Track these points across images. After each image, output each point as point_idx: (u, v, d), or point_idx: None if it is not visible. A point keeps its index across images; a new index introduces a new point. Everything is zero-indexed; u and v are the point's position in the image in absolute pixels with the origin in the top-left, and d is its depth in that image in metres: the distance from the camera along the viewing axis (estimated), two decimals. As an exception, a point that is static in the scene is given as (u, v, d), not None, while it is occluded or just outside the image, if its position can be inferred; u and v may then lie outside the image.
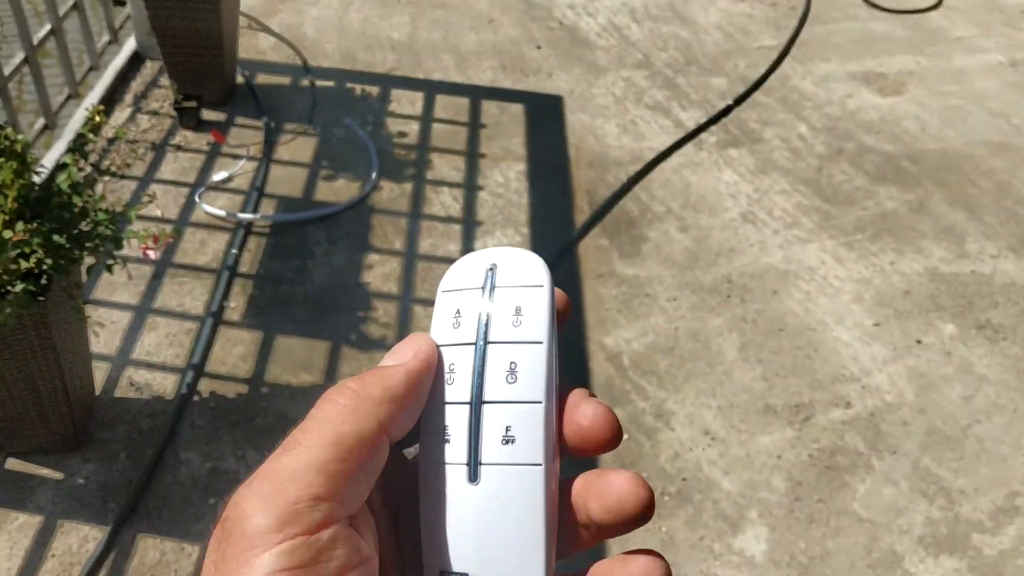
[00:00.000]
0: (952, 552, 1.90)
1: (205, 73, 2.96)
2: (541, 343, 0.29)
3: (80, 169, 1.65)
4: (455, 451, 0.28)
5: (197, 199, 2.65)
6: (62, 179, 1.64)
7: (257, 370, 2.16)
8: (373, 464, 0.27)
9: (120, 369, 2.12)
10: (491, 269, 0.30)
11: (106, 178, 2.70)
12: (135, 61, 3.22)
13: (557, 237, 2.64)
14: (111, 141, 2.86)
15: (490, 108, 3.20)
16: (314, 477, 0.25)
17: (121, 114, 3.00)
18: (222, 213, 2.60)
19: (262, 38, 3.41)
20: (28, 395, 1.78)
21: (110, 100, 3.05)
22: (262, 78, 3.24)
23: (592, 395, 0.31)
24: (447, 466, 0.29)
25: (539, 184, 2.85)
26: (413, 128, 3.06)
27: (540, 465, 0.27)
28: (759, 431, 2.13)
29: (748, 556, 1.87)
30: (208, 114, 3.02)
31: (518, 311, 0.29)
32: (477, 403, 0.28)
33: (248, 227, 2.58)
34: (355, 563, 0.26)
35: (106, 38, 3.14)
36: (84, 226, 1.60)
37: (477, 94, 3.26)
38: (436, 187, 2.80)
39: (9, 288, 1.57)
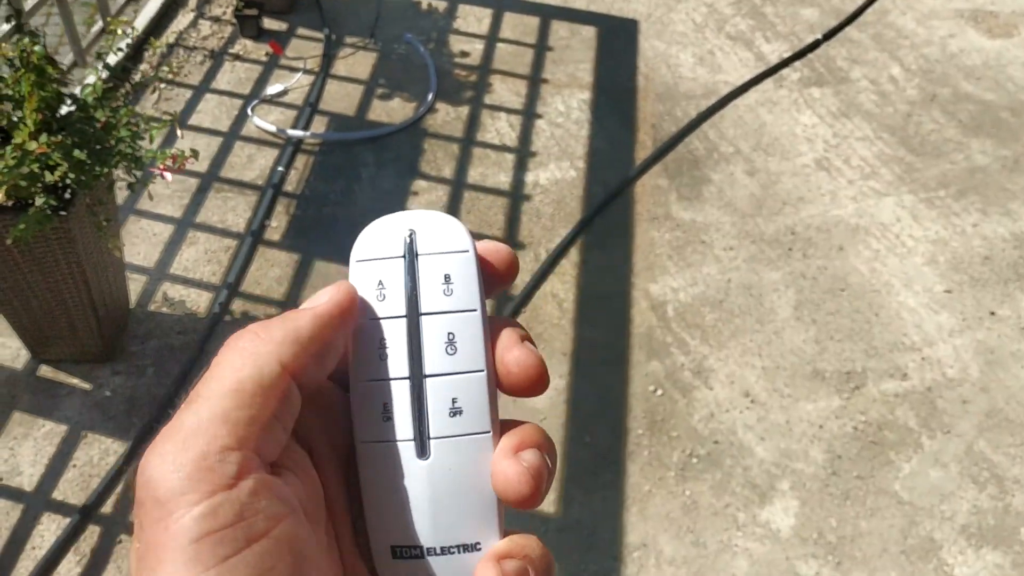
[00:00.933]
0: (996, 545, 1.77)
1: (267, -20, 2.88)
2: (475, 310, 0.28)
3: (106, 83, 1.61)
4: (399, 428, 0.27)
5: (249, 112, 2.60)
6: (86, 91, 1.60)
7: (292, 294, 2.14)
8: (284, 408, 0.26)
9: (156, 283, 2.12)
10: (410, 235, 0.29)
11: (162, 85, 2.67)
12: (202, -37, 3.16)
13: (614, 173, 2.51)
14: (170, 47, 2.82)
15: (560, 29, 3.04)
16: (218, 428, 0.24)
17: (183, 19, 2.96)
18: (273, 128, 2.55)
19: (331, -56, 3.29)
20: (57, 308, 1.79)
21: (173, 3, 3.01)
22: (327, -13, 3.14)
23: (525, 336, 0.29)
24: (391, 444, 0.28)
25: (602, 115, 2.71)
26: (477, 48, 2.93)
27: (488, 433, 0.27)
28: (803, 397, 2.01)
29: (773, 529, 1.78)
30: (269, 23, 2.95)
31: (447, 279, 0.28)
32: (418, 378, 0.27)
33: (297, 144, 2.53)
34: (284, 513, 0.25)
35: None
36: (108, 143, 1.57)
37: (548, 13, 3.10)
38: (493, 113, 2.69)
39: (30, 202, 1.55)
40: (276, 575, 0.24)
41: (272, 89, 2.68)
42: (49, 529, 1.69)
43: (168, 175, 1.52)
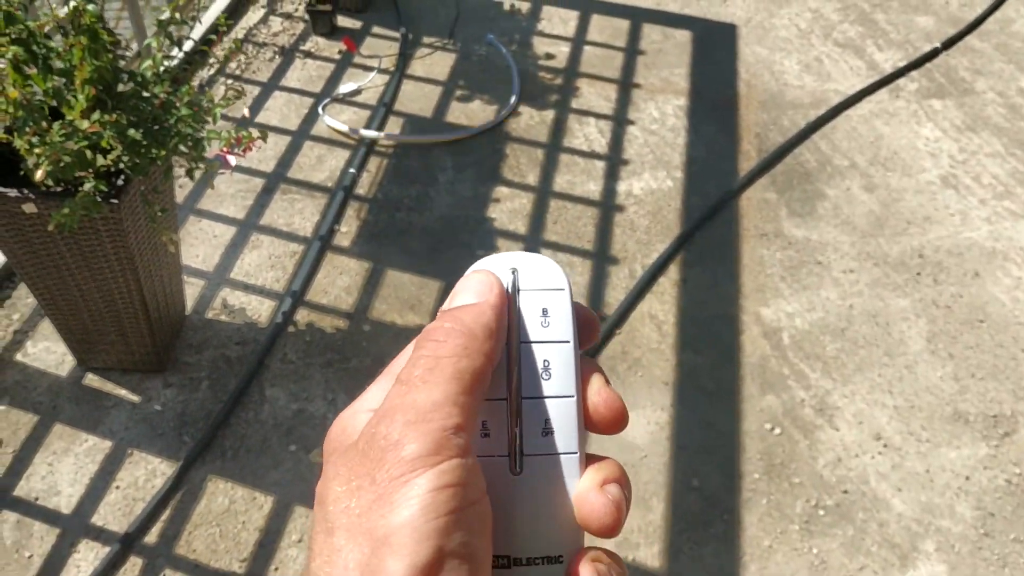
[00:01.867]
0: None
1: (343, -26, 2.71)
2: (569, 342, 0.30)
3: (167, 56, 1.43)
4: (496, 444, 0.29)
5: (320, 110, 2.42)
6: (144, 65, 1.42)
7: (361, 304, 1.93)
8: (483, 393, 0.28)
9: (215, 288, 1.94)
10: (513, 272, 0.31)
11: (229, 80, 2.51)
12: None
13: (715, 184, 2.27)
14: (240, 43, 2.66)
15: (651, 33, 2.82)
16: (451, 408, 0.27)
17: (254, 14, 2.80)
18: (344, 128, 2.36)
19: (409, -58, 3.13)
20: (106, 309, 1.60)
21: (245, -1, 2.86)
22: (405, -15, 2.97)
23: (607, 380, 0.32)
24: (489, 459, 0.29)
25: (700, 123, 2.47)
26: (562, 50, 2.72)
27: (576, 454, 0.29)
28: (944, 443, 1.73)
29: (919, 599, 1.51)
30: (343, 20, 2.78)
31: (545, 312, 0.30)
32: (516, 399, 0.29)
33: (370, 145, 2.34)
34: (484, 490, 0.28)
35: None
36: (166, 122, 1.38)
37: (638, 16, 2.89)
38: (581, 117, 2.47)
39: (78, 187, 1.37)
40: (480, 539, 0.27)
41: (345, 88, 2.50)
42: (86, 558, 1.50)
43: (232, 159, 1.32)
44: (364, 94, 2.51)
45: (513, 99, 2.49)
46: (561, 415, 0.29)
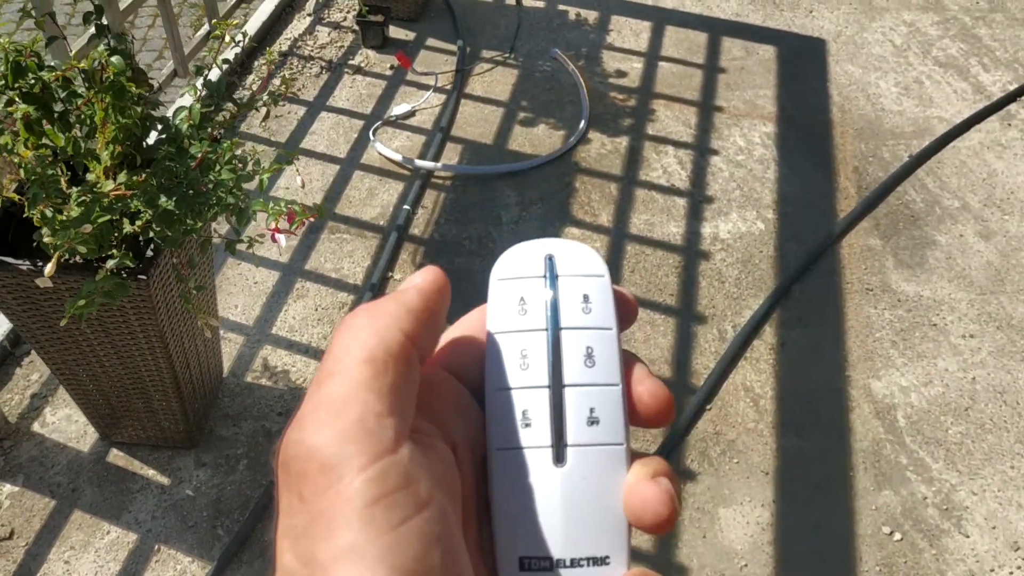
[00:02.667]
0: None
1: (396, -19, 2.49)
2: (611, 329, 0.28)
3: (206, 104, 1.21)
4: (537, 435, 0.27)
5: (371, 136, 2.21)
6: (180, 117, 1.20)
7: (417, 367, 1.71)
8: (410, 376, 0.25)
9: (256, 345, 1.73)
10: (549, 258, 0.29)
11: (268, 100, 2.29)
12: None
13: (812, 228, 2.02)
14: (283, 56, 2.46)
15: (732, 48, 2.56)
16: (366, 395, 0.23)
17: (299, 24, 2.59)
18: (398, 157, 2.14)
19: (466, -57, 2.89)
20: (131, 386, 1.40)
21: (289, 5, 2.65)
22: (461, -8, 2.74)
23: (650, 371, 0.29)
24: (530, 450, 0.27)
25: (791, 153, 2.22)
26: (635, 67, 2.48)
27: (622, 445, 0.27)
28: (1095, 554, 1.49)
29: None
30: (395, 31, 2.56)
31: (585, 298, 0.28)
32: (558, 386, 0.27)
33: (426, 177, 2.12)
34: (438, 484, 0.24)
35: (291, -67, 2.72)
36: (204, 187, 1.17)
37: (717, 29, 2.63)
38: (658, 146, 2.23)
39: (99, 263, 1.16)
40: (441, 544, 0.24)
41: (398, 109, 2.28)
42: (106, 675, 1.30)
43: (282, 238, 1.11)
44: (419, 116, 2.29)
45: (582, 124, 2.26)
46: (607, 404, 0.27)
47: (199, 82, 1.18)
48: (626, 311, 0.29)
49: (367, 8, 2.44)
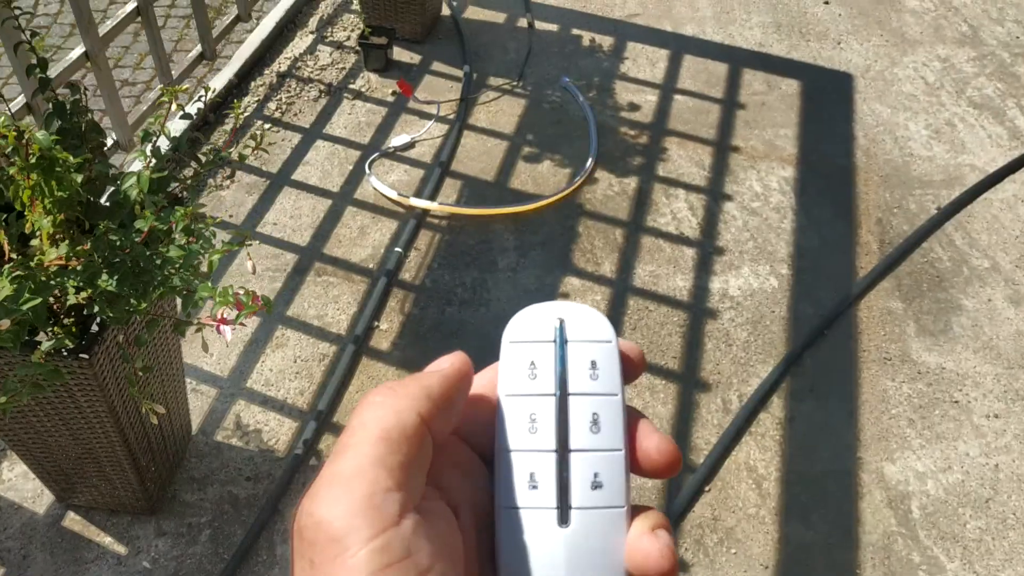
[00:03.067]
0: None
1: (404, 1, 2.37)
2: (616, 395, 0.29)
3: (162, 170, 1.11)
4: (544, 496, 0.29)
5: (367, 168, 2.10)
6: (128, 185, 1.10)
7: (398, 429, 1.61)
8: (421, 455, 0.27)
9: (229, 400, 1.63)
10: (560, 323, 0.30)
11: (266, 125, 2.20)
12: (328, -24, 2.69)
13: (829, 285, 1.90)
14: (281, 77, 2.35)
15: (753, 81, 2.43)
16: (377, 472, 0.25)
17: (300, 42, 2.48)
18: (393, 194, 2.03)
19: (479, -40, 2.77)
20: (85, 457, 1.31)
21: (291, 23, 2.54)
22: (472, 11, 2.62)
23: (655, 427, 0.30)
24: (536, 511, 0.29)
25: (811, 200, 2.09)
26: (649, 99, 2.35)
27: (623, 507, 0.29)
28: (1123, 675, 1.36)
29: None
30: (400, 53, 2.44)
31: (593, 364, 0.29)
32: (564, 451, 0.29)
33: (421, 216, 2.01)
34: (440, 553, 0.26)
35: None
36: (151, 264, 1.06)
37: (738, 60, 2.50)
38: (669, 188, 2.11)
39: (37, 339, 1.06)
40: None
41: (397, 140, 2.17)
42: None
43: (228, 330, 1.00)
44: (418, 147, 2.18)
45: (589, 162, 2.14)
46: (610, 468, 0.29)
47: (148, 147, 1.08)
48: (632, 368, 0.31)
49: (370, 29, 2.33)
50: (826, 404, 1.69)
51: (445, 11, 2.60)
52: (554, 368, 0.29)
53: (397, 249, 1.91)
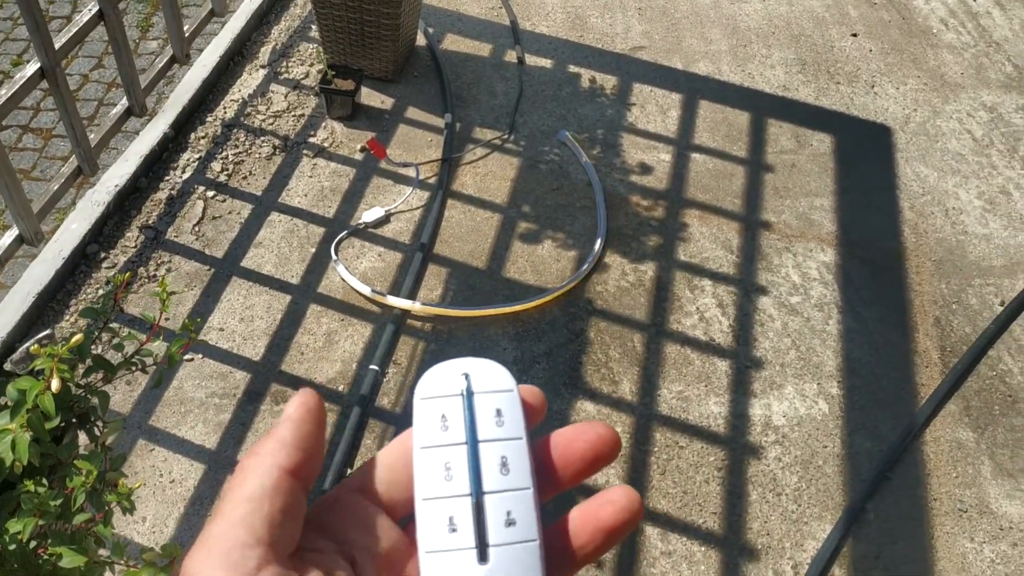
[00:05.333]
0: None
1: (372, 34, 1.99)
2: (522, 438, 0.31)
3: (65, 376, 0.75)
4: (462, 538, 0.29)
5: (334, 254, 1.74)
6: (2, 447, 0.74)
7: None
8: (290, 503, 0.28)
9: (162, 595, 1.28)
10: (466, 377, 0.32)
11: (210, 193, 1.82)
12: (281, -4, 2.29)
13: (887, 410, 1.60)
14: (226, 127, 1.96)
15: (780, 136, 2.11)
16: (238, 531, 0.27)
17: (250, 79, 2.09)
18: (366, 289, 1.68)
19: (459, -23, 2.39)
20: None
21: (239, 53, 2.15)
22: (451, 41, 2.25)
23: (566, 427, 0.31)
24: (457, 552, 0.29)
25: (857, 295, 1.79)
26: (663, 159, 2.02)
27: (536, 541, 0.29)
28: None
29: None
30: (368, 95, 2.07)
31: (498, 412, 0.31)
32: (479, 494, 0.30)
33: (401, 318, 1.66)
34: None
35: (245, -40, 2.21)
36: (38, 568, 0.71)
37: (761, 107, 2.17)
38: (693, 278, 1.79)
39: None
40: None
41: (368, 215, 1.81)
42: None
43: None
44: (395, 222, 1.82)
45: (598, 243, 1.81)
46: (522, 505, 0.30)
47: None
48: (533, 413, 0.31)
49: (333, 72, 1.95)
50: (896, 573, 1.40)
51: (420, 40, 2.22)
52: (464, 419, 0.31)
53: (372, 367, 1.56)
